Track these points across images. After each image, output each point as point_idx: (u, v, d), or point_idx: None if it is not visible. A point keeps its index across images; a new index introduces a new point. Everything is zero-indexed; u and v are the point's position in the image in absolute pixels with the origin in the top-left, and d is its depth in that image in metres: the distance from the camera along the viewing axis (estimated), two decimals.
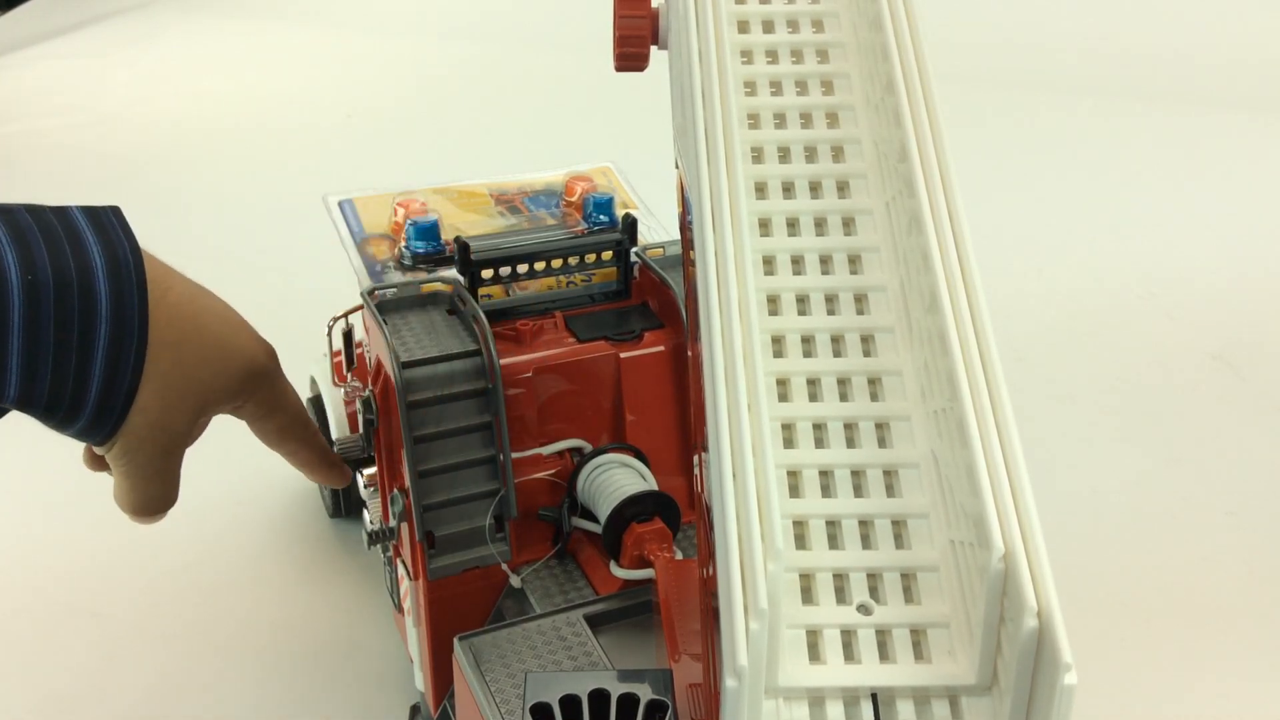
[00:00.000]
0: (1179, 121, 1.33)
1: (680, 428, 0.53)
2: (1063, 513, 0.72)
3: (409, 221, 0.56)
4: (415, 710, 0.57)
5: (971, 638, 0.26)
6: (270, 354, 0.46)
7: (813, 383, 0.30)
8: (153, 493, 0.44)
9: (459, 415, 0.47)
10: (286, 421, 0.47)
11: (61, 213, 0.40)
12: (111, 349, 0.40)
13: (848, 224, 0.33)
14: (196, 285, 0.43)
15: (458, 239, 0.53)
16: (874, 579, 0.27)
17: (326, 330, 0.55)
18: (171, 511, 0.45)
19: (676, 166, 0.39)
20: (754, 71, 0.36)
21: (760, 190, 0.34)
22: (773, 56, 0.37)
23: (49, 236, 0.39)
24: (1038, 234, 1.09)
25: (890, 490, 0.29)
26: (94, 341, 0.39)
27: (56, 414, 0.40)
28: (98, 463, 0.46)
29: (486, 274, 0.53)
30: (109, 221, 0.41)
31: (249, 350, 0.45)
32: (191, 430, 0.44)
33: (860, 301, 0.32)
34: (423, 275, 0.55)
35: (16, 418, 0.41)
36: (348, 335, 0.54)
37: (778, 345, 0.31)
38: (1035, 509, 0.25)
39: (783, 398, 0.30)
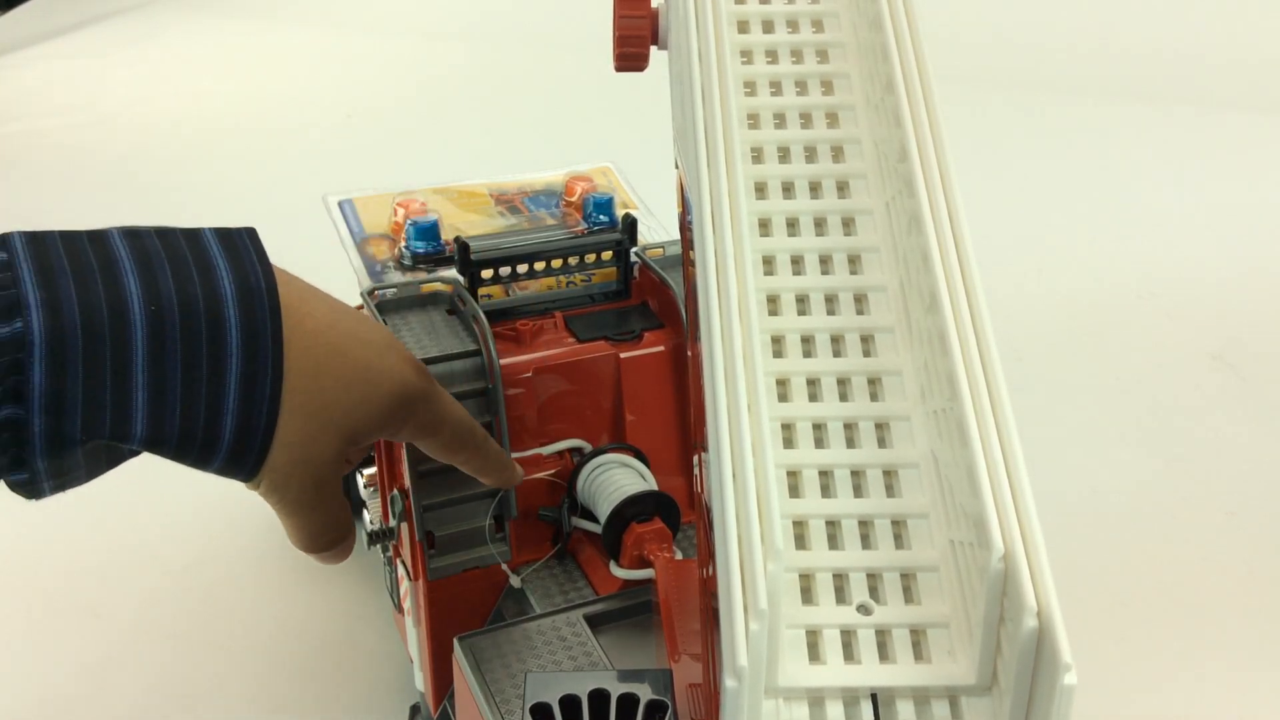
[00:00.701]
0: (1179, 121, 1.33)
1: (680, 428, 0.53)
2: (1063, 513, 0.72)
3: (409, 221, 0.56)
4: (415, 710, 0.57)
5: (971, 638, 0.26)
6: (421, 372, 0.43)
7: (813, 383, 0.30)
8: (314, 526, 0.41)
9: None
10: (450, 437, 0.44)
11: (192, 236, 0.38)
12: (244, 383, 0.37)
13: (848, 224, 0.33)
14: (338, 305, 0.41)
15: (458, 239, 0.53)
16: (874, 579, 0.27)
17: None
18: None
19: (676, 166, 0.39)
20: (754, 71, 0.36)
21: (760, 190, 0.34)
22: (773, 56, 0.37)
23: (176, 262, 0.36)
24: (1038, 234, 1.09)
25: (890, 490, 0.29)
26: (225, 375, 0.36)
27: (190, 454, 0.37)
28: None
29: (486, 274, 0.53)
30: (242, 245, 0.38)
31: (396, 374, 0.41)
32: (341, 460, 0.41)
33: (860, 301, 0.32)
34: (423, 275, 0.55)
35: None
36: None
37: (777, 345, 0.31)
38: (1035, 509, 0.25)
39: (783, 398, 0.30)
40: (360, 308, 0.53)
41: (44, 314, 0.34)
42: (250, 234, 0.39)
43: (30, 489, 0.36)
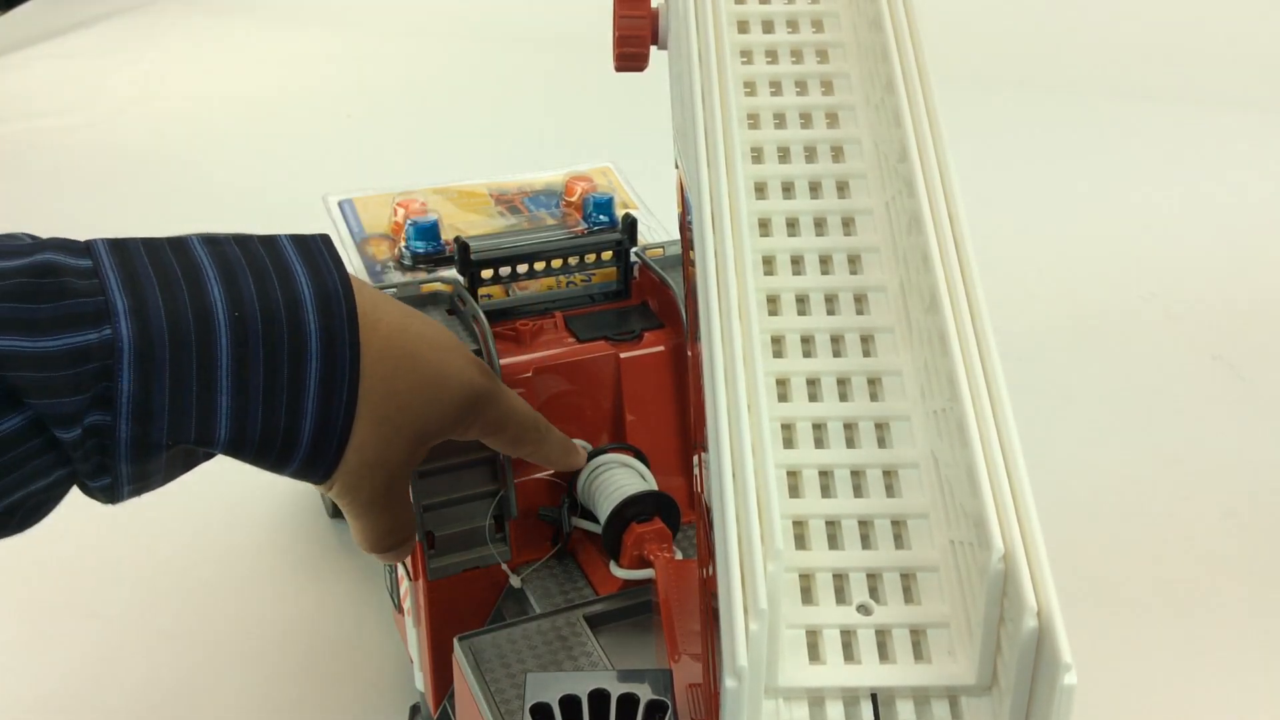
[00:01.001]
0: (1180, 121, 1.33)
1: (680, 428, 0.53)
2: (1063, 513, 0.72)
3: (409, 221, 0.56)
4: (415, 710, 0.57)
5: (971, 638, 0.26)
6: (486, 373, 0.43)
7: (812, 383, 0.30)
8: (383, 527, 0.42)
9: None
10: (516, 433, 0.45)
11: (269, 242, 0.38)
12: (323, 387, 0.37)
13: (847, 224, 0.33)
14: (407, 310, 0.41)
15: (458, 239, 0.53)
16: (874, 579, 0.27)
17: None
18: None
19: (676, 166, 0.39)
20: (754, 71, 0.36)
21: (760, 190, 0.34)
22: (773, 56, 0.37)
23: (256, 268, 0.37)
24: (1038, 234, 1.09)
25: (890, 490, 0.29)
26: (304, 380, 0.37)
27: (269, 457, 0.38)
28: None
29: (486, 274, 0.53)
30: (318, 251, 0.38)
31: (464, 376, 0.42)
32: (411, 461, 0.42)
33: (860, 301, 0.32)
34: (423, 275, 0.55)
35: None
36: None
37: (777, 345, 0.31)
38: (1035, 509, 0.25)
39: (782, 398, 0.30)
40: None
41: (132, 321, 0.34)
42: (324, 240, 0.39)
43: (110, 494, 0.36)
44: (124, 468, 0.35)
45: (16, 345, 0.33)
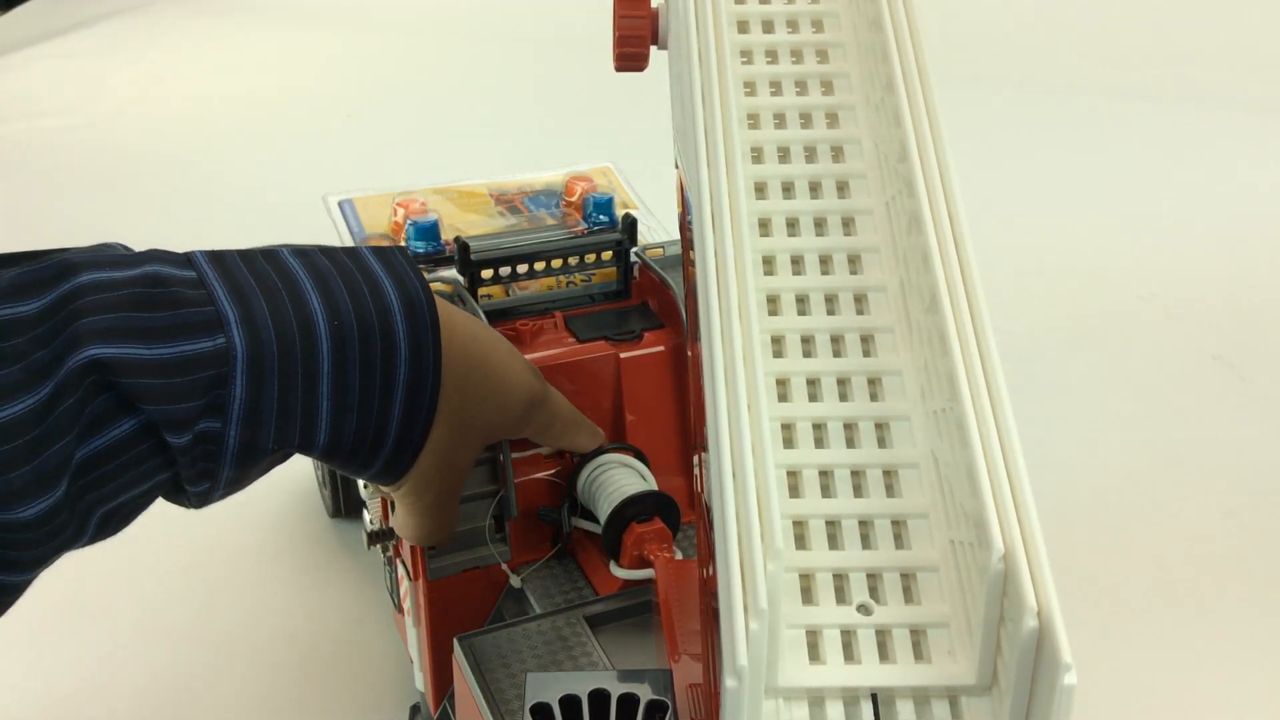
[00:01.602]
0: (1180, 121, 1.33)
1: (680, 428, 0.53)
2: (1063, 513, 0.72)
3: (409, 221, 0.56)
4: (415, 710, 0.57)
5: (971, 638, 0.26)
6: (539, 377, 0.46)
7: (812, 383, 0.30)
8: (436, 525, 0.45)
9: None
10: (560, 430, 0.47)
11: (354, 254, 0.40)
12: (410, 392, 0.39)
13: (847, 224, 0.33)
14: (472, 319, 0.43)
15: (458, 239, 0.53)
16: (874, 579, 0.27)
17: None
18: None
19: (676, 166, 0.39)
20: (754, 71, 0.36)
21: (760, 190, 0.34)
22: (773, 56, 0.37)
23: (347, 279, 0.38)
24: (1038, 234, 1.09)
25: (890, 490, 0.29)
26: (394, 385, 0.39)
27: (356, 460, 0.40)
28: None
29: (486, 274, 0.53)
30: (398, 262, 0.40)
31: (524, 382, 0.44)
32: (474, 462, 0.44)
33: (860, 301, 0.32)
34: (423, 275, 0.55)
35: None
36: None
37: (777, 345, 0.31)
38: (1035, 509, 0.25)
39: (783, 398, 0.30)
40: None
41: (244, 330, 0.35)
42: (402, 251, 0.41)
43: (203, 498, 0.38)
44: (226, 472, 0.37)
45: (133, 353, 0.33)
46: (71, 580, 0.68)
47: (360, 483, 0.57)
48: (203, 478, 0.36)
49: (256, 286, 0.37)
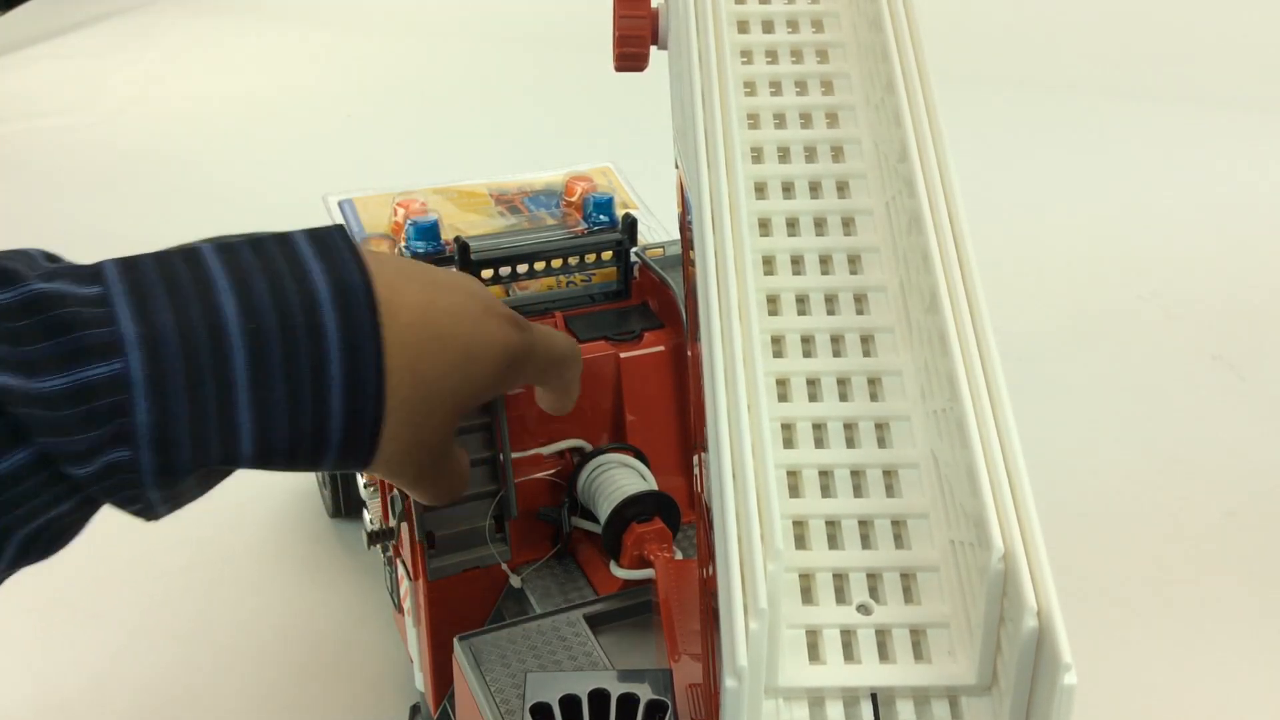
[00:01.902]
0: (1180, 121, 1.33)
1: (680, 428, 0.53)
2: (1063, 513, 0.72)
3: (409, 221, 0.56)
4: (415, 710, 0.57)
5: (971, 638, 0.26)
6: (519, 326, 0.42)
7: (812, 383, 0.30)
8: (436, 489, 0.42)
9: None
10: (556, 375, 0.45)
11: (284, 241, 0.37)
12: (348, 385, 0.36)
13: (847, 224, 0.33)
14: (431, 282, 0.40)
15: (458, 239, 0.53)
16: (874, 579, 0.27)
17: None
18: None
19: (676, 166, 0.39)
20: (754, 71, 0.36)
21: (760, 190, 0.34)
22: (773, 56, 0.37)
23: (271, 274, 0.36)
24: (1038, 233, 1.09)
25: (890, 490, 0.29)
26: (327, 381, 0.36)
27: (300, 462, 0.37)
28: None
29: (486, 274, 0.53)
30: (334, 244, 0.37)
31: (496, 342, 0.41)
32: (453, 430, 0.41)
33: (860, 301, 0.32)
34: None
35: None
36: None
37: (777, 345, 0.31)
38: (1035, 509, 0.25)
39: (783, 398, 0.30)
40: None
41: (143, 351, 0.33)
42: (340, 231, 0.38)
43: (146, 514, 0.36)
44: (153, 494, 0.35)
45: (18, 384, 0.31)
46: (71, 580, 0.68)
47: (360, 483, 0.57)
48: (132, 501, 0.35)
49: (166, 296, 0.34)
